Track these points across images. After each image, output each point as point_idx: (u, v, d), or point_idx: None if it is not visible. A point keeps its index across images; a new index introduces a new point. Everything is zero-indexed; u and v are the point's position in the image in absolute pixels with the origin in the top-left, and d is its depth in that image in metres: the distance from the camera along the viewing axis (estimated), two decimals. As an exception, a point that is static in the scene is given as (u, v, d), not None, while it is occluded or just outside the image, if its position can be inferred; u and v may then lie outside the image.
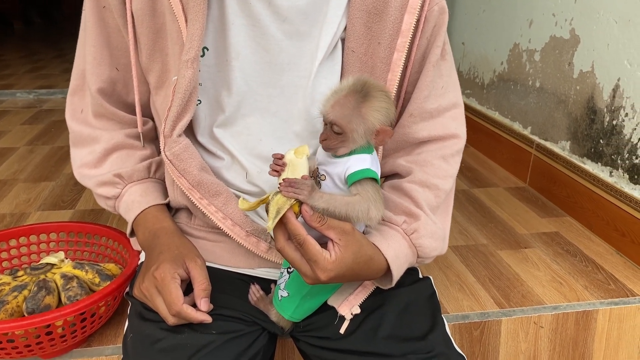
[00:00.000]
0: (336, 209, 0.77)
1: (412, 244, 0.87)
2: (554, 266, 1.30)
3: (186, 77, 0.82)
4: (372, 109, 0.76)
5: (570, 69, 1.55)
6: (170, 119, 0.85)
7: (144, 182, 0.98)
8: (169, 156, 0.86)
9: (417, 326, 0.87)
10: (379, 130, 0.77)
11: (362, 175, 0.78)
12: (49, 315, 0.85)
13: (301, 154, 0.78)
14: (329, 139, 0.78)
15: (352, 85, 0.77)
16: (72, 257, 1.15)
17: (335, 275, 0.77)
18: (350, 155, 0.79)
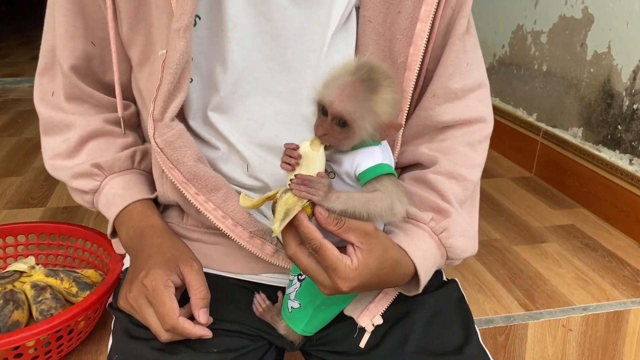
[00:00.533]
0: (356, 209, 0.65)
1: (442, 244, 0.76)
2: (576, 262, 1.20)
3: (178, 49, 0.69)
4: (384, 102, 0.65)
5: (583, 51, 1.45)
6: (160, 100, 0.71)
7: (126, 174, 0.84)
8: (159, 144, 0.73)
9: (449, 337, 0.76)
10: (388, 124, 0.66)
11: (375, 172, 0.67)
12: (18, 335, 0.72)
13: (318, 146, 0.65)
14: (330, 134, 0.65)
15: (356, 70, 0.65)
16: (44, 263, 1.01)
17: (359, 284, 0.66)
18: (355, 149, 0.67)
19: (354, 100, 0.63)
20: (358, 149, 0.68)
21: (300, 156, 0.65)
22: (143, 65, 0.78)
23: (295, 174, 0.65)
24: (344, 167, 0.68)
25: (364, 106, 0.64)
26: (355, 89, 0.64)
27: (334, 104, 0.64)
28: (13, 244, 1.00)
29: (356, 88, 0.64)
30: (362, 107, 0.64)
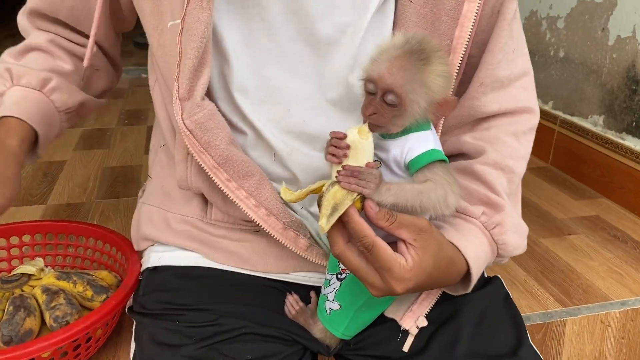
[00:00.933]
0: (408, 201, 0.59)
1: (493, 240, 0.71)
2: (607, 254, 1.16)
3: (202, 20, 0.63)
4: (437, 74, 0.59)
5: (604, 36, 1.41)
6: (185, 77, 0.65)
7: (30, 92, 0.78)
8: (189, 125, 0.66)
9: (500, 339, 0.71)
10: (442, 101, 0.60)
11: (428, 158, 0.61)
12: (34, 346, 0.65)
13: (366, 134, 0.59)
14: (379, 112, 0.59)
15: (406, 43, 0.60)
16: (52, 264, 0.94)
17: (414, 285, 0.60)
18: (405, 134, 0.62)
19: (405, 71, 0.58)
20: (408, 134, 0.62)
21: (349, 146, 0.59)
22: (151, 36, 0.71)
23: (342, 165, 0.59)
24: (393, 154, 0.62)
25: (415, 78, 0.58)
26: (406, 61, 0.58)
27: (384, 78, 0.58)
28: (18, 244, 0.93)
29: (406, 60, 0.58)
30: (413, 80, 0.58)
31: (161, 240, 0.78)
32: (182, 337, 0.67)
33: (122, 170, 1.53)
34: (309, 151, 0.73)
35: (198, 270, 0.75)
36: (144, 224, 0.81)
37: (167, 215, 0.79)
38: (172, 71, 0.69)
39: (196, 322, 0.68)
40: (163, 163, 0.86)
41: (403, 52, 0.59)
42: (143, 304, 0.74)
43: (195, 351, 0.65)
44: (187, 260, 0.76)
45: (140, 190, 0.92)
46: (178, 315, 0.69)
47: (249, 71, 0.69)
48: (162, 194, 0.83)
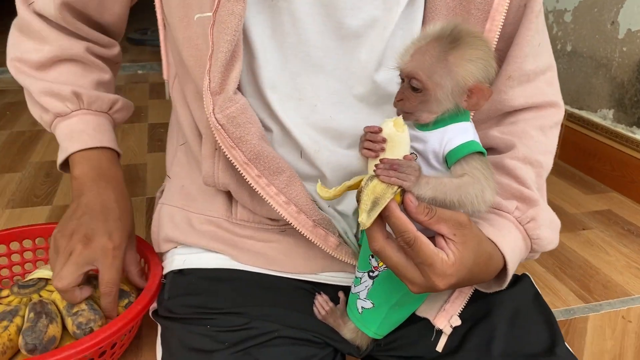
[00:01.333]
0: (447, 196, 0.58)
1: (527, 235, 0.70)
2: (623, 249, 1.15)
3: (235, 13, 0.61)
4: (464, 59, 0.58)
5: (614, 29, 1.40)
6: (217, 71, 0.63)
7: (100, 116, 0.83)
8: (220, 120, 0.64)
9: (535, 338, 0.70)
10: (473, 88, 0.59)
11: (468, 149, 0.60)
12: (61, 354, 0.63)
13: (402, 127, 0.58)
14: (406, 99, 0.59)
15: (440, 30, 0.59)
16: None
17: (456, 281, 0.60)
18: (444, 125, 0.61)
19: (426, 56, 0.58)
20: (448, 124, 0.61)
21: (385, 140, 0.58)
22: (176, 29, 0.69)
23: (380, 158, 0.58)
24: (431, 145, 0.61)
25: (437, 62, 0.57)
26: (431, 47, 0.58)
27: (407, 65, 0.58)
28: (31, 247, 0.91)
29: (432, 46, 0.58)
30: (435, 63, 0.57)
31: (185, 242, 0.76)
32: (214, 342, 0.65)
33: (126, 169, 1.50)
34: (336, 148, 0.72)
35: (226, 272, 0.73)
36: (165, 226, 0.79)
37: (189, 215, 0.77)
38: (199, 65, 0.67)
39: (228, 326, 0.67)
40: (182, 162, 0.84)
41: (432, 40, 0.59)
42: (170, 308, 0.72)
43: (229, 356, 0.63)
44: (214, 262, 0.74)
45: (158, 191, 0.90)
46: (209, 320, 0.68)
47: (276, 66, 0.68)
48: (183, 194, 0.81)
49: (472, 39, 0.59)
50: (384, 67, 0.71)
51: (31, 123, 1.89)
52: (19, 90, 0.81)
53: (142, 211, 1.25)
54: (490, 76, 0.60)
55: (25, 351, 0.67)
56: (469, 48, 0.58)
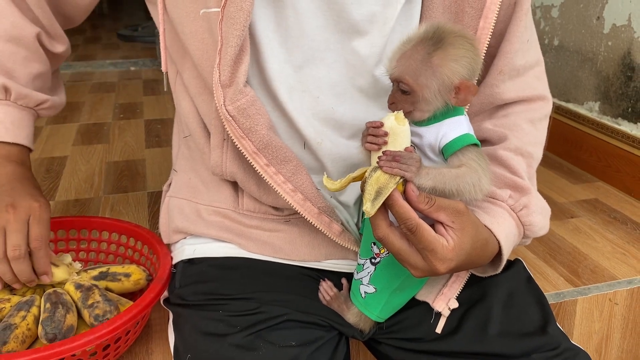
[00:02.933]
0: (446, 185, 0.62)
1: (520, 222, 0.74)
2: (609, 236, 1.20)
3: (244, 9, 0.64)
4: (447, 59, 0.61)
5: (600, 24, 1.45)
6: (226, 64, 0.66)
7: (24, 110, 0.82)
8: (231, 111, 0.68)
9: (528, 318, 0.75)
10: (459, 85, 0.62)
11: (462, 142, 0.64)
12: (81, 340, 0.66)
13: (403, 120, 0.62)
14: (397, 101, 0.64)
15: (424, 32, 0.63)
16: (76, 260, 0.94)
17: (456, 265, 0.64)
18: (439, 120, 0.65)
19: (410, 60, 0.61)
20: (443, 119, 0.65)
21: (387, 134, 0.62)
22: (182, 23, 0.72)
23: (383, 150, 0.61)
24: (427, 139, 0.65)
25: (422, 64, 0.61)
26: (415, 50, 0.62)
27: (393, 70, 0.62)
28: (41, 241, 0.93)
29: (416, 49, 0.62)
30: (420, 66, 0.61)
31: (194, 232, 0.80)
32: (227, 326, 0.68)
33: (125, 164, 1.52)
34: (338, 138, 0.75)
35: (234, 260, 0.77)
36: (175, 217, 0.82)
37: (198, 207, 0.81)
38: (206, 59, 0.70)
39: (240, 310, 0.70)
40: (186, 155, 0.87)
41: (415, 43, 0.62)
42: (182, 295, 0.75)
43: (242, 339, 0.67)
44: (223, 250, 0.78)
45: (165, 185, 0.93)
46: (221, 305, 0.71)
47: (280, 59, 0.71)
48: (190, 186, 0.84)
49: (454, 38, 0.62)
50: (384, 62, 0.75)
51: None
52: None
53: (144, 205, 1.28)
54: (475, 71, 0.64)
55: (45, 340, 0.70)
56: (451, 48, 0.62)
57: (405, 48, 0.62)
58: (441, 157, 0.66)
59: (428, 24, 0.64)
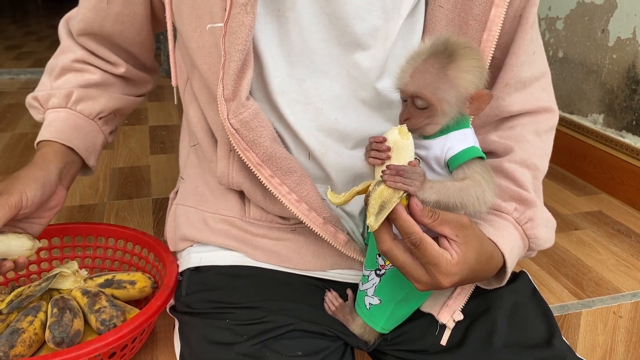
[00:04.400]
0: (450, 198, 0.62)
1: (525, 235, 0.74)
2: (614, 248, 1.20)
3: (245, 24, 0.65)
4: (462, 70, 0.62)
5: (605, 37, 1.45)
6: (229, 79, 0.67)
7: (58, 112, 0.86)
8: (234, 124, 0.69)
9: (533, 330, 0.75)
10: (474, 95, 0.63)
11: (468, 155, 0.64)
12: (88, 347, 0.66)
13: (407, 134, 0.62)
14: (413, 117, 0.63)
15: (432, 46, 0.63)
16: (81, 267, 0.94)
17: (460, 279, 0.64)
18: (445, 133, 0.65)
19: (427, 74, 0.61)
20: (449, 132, 0.65)
21: (390, 148, 0.62)
22: (189, 38, 0.73)
23: (386, 164, 0.62)
24: (433, 152, 0.65)
25: (439, 78, 0.61)
26: (429, 64, 0.61)
27: (408, 85, 0.62)
28: (47, 247, 0.94)
29: (429, 62, 0.61)
30: (436, 80, 0.61)
31: (201, 240, 0.80)
32: (233, 335, 0.69)
33: (130, 170, 1.53)
34: (342, 149, 0.76)
35: (241, 269, 0.77)
36: (182, 225, 0.82)
37: (205, 215, 0.81)
38: (213, 73, 0.71)
39: (246, 319, 0.70)
40: (194, 164, 0.88)
41: (427, 56, 0.62)
42: (188, 303, 0.76)
43: (249, 348, 0.67)
44: (230, 259, 0.78)
45: (172, 192, 0.93)
46: (228, 314, 0.71)
47: (283, 73, 0.72)
48: (197, 194, 0.84)
49: (465, 49, 0.63)
50: (386, 75, 0.75)
51: (32, 125, 1.91)
52: (17, 91, 0.87)
53: (148, 211, 1.28)
54: (485, 80, 0.64)
55: (53, 344, 0.70)
56: (464, 59, 0.62)
57: (416, 63, 0.62)
58: (446, 170, 0.66)
59: (434, 38, 0.64)
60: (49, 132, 0.84)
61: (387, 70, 0.75)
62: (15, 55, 3.17)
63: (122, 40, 0.85)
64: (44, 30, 4.21)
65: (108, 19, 0.82)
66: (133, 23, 0.83)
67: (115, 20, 0.82)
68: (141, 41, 0.87)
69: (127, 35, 0.85)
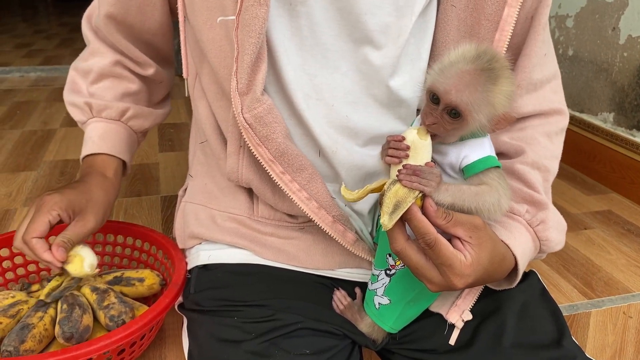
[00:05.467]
0: (465, 202, 0.62)
1: (537, 237, 0.74)
2: (624, 248, 1.19)
3: (259, 16, 0.65)
4: (503, 94, 0.61)
5: (615, 34, 1.44)
6: (244, 72, 0.66)
7: (110, 123, 0.90)
8: (248, 119, 0.68)
9: (543, 330, 0.74)
10: (503, 117, 0.62)
11: (484, 165, 0.64)
12: (98, 344, 0.66)
13: (425, 135, 0.62)
14: (439, 123, 0.61)
15: (476, 58, 0.60)
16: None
17: (474, 281, 0.63)
18: (462, 140, 0.64)
19: (473, 90, 0.59)
20: (466, 140, 0.64)
21: (409, 147, 0.62)
22: (200, 31, 0.73)
23: (403, 164, 0.61)
24: (449, 159, 0.65)
25: (482, 97, 0.59)
26: (475, 79, 0.59)
27: (450, 94, 0.59)
28: (57, 243, 0.94)
29: (476, 78, 0.59)
30: (480, 99, 0.59)
31: (210, 238, 0.80)
32: (242, 333, 0.69)
33: (139, 168, 1.53)
34: (352, 146, 0.76)
35: (249, 267, 0.77)
36: (190, 223, 0.83)
37: (213, 213, 0.81)
38: (224, 67, 0.70)
39: (254, 317, 0.70)
40: (202, 161, 0.88)
41: (474, 69, 0.59)
42: (197, 301, 0.76)
43: (257, 346, 0.67)
44: (238, 257, 0.78)
45: (181, 189, 0.93)
46: (236, 312, 0.71)
47: (296, 67, 0.71)
48: (205, 192, 0.84)
49: (507, 71, 0.61)
50: (398, 73, 0.75)
51: (42, 122, 1.93)
52: (27, 89, 0.88)
53: (157, 209, 1.28)
54: (513, 102, 0.63)
55: (62, 340, 0.70)
56: (507, 83, 0.60)
57: (460, 70, 0.59)
58: (460, 175, 0.65)
59: (479, 49, 0.61)
60: (106, 145, 0.88)
61: (399, 69, 0.75)
62: (25, 53, 3.19)
63: (145, 31, 0.86)
64: (53, 29, 4.24)
65: (130, 11, 0.83)
66: (154, 13, 0.84)
67: (137, 11, 0.83)
68: (163, 32, 0.88)
69: (149, 27, 0.86)
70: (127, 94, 0.91)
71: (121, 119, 0.91)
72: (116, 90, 0.91)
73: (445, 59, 0.61)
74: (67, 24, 4.47)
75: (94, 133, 0.89)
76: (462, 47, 0.61)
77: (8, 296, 0.79)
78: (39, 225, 0.73)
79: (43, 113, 2.04)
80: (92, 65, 0.90)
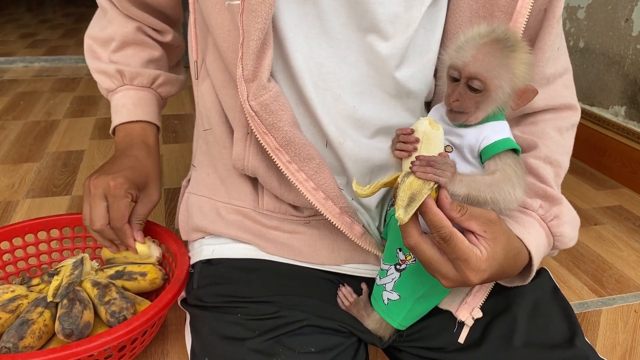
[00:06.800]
0: (480, 193, 0.60)
1: (550, 232, 0.72)
2: (635, 245, 1.17)
3: (266, 1, 0.62)
4: (523, 62, 0.60)
5: (628, 26, 1.41)
6: (249, 58, 0.64)
7: (142, 90, 0.91)
8: (254, 107, 0.66)
9: (555, 329, 0.72)
10: (524, 89, 0.62)
11: (504, 146, 0.62)
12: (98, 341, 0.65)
13: (437, 125, 0.60)
14: (462, 99, 0.61)
15: (492, 32, 0.61)
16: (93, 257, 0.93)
17: (489, 276, 0.62)
18: (483, 123, 0.63)
19: (492, 58, 0.59)
20: (486, 122, 0.63)
21: (418, 140, 0.60)
22: (209, 15, 0.71)
23: (416, 155, 0.59)
24: (467, 140, 0.63)
25: (501, 64, 0.59)
26: (493, 48, 0.59)
27: (469, 65, 0.59)
28: (58, 237, 0.92)
29: (493, 47, 0.59)
30: (499, 65, 0.59)
31: (214, 231, 0.78)
32: (245, 330, 0.67)
33: (142, 160, 1.51)
34: (360, 138, 0.74)
35: (253, 262, 0.75)
36: (194, 215, 0.81)
37: (217, 205, 0.79)
38: (232, 51, 0.69)
39: (258, 314, 0.69)
40: (203, 150, 0.86)
41: (490, 40, 0.60)
42: (200, 296, 0.74)
43: (261, 344, 0.65)
44: (242, 252, 0.76)
45: (184, 180, 0.91)
46: (239, 308, 0.70)
47: (302, 55, 0.69)
48: (208, 183, 0.82)
49: (523, 42, 0.61)
50: (406, 65, 0.73)
51: (45, 113, 1.91)
52: (31, 79, 0.86)
53: (160, 202, 1.26)
54: (532, 74, 0.64)
55: (62, 336, 0.69)
56: (525, 52, 0.61)
57: (478, 43, 0.60)
58: (478, 160, 0.64)
59: (493, 25, 0.62)
60: (143, 112, 0.90)
61: (407, 60, 0.73)
62: (30, 43, 3.17)
63: (157, 3, 0.89)
64: (58, 19, 4.22)
65: None
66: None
67: None
68: (174, 3, 0.91)
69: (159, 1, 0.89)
70: (152, 60, 0.92)
71: (152, 85, 0.91)
72: (141, 57, 0.91)
73: (461, 38, 0.61)
74: (72, 14, 4.45)
75: (127, 101, 0.89)
76: (475, 27, 0.61)
77: (8, 290, 0.77)
78: (125, 212, 0.78)
79: (46, 104, 2.02)
80: (112, 33, 0.90)
